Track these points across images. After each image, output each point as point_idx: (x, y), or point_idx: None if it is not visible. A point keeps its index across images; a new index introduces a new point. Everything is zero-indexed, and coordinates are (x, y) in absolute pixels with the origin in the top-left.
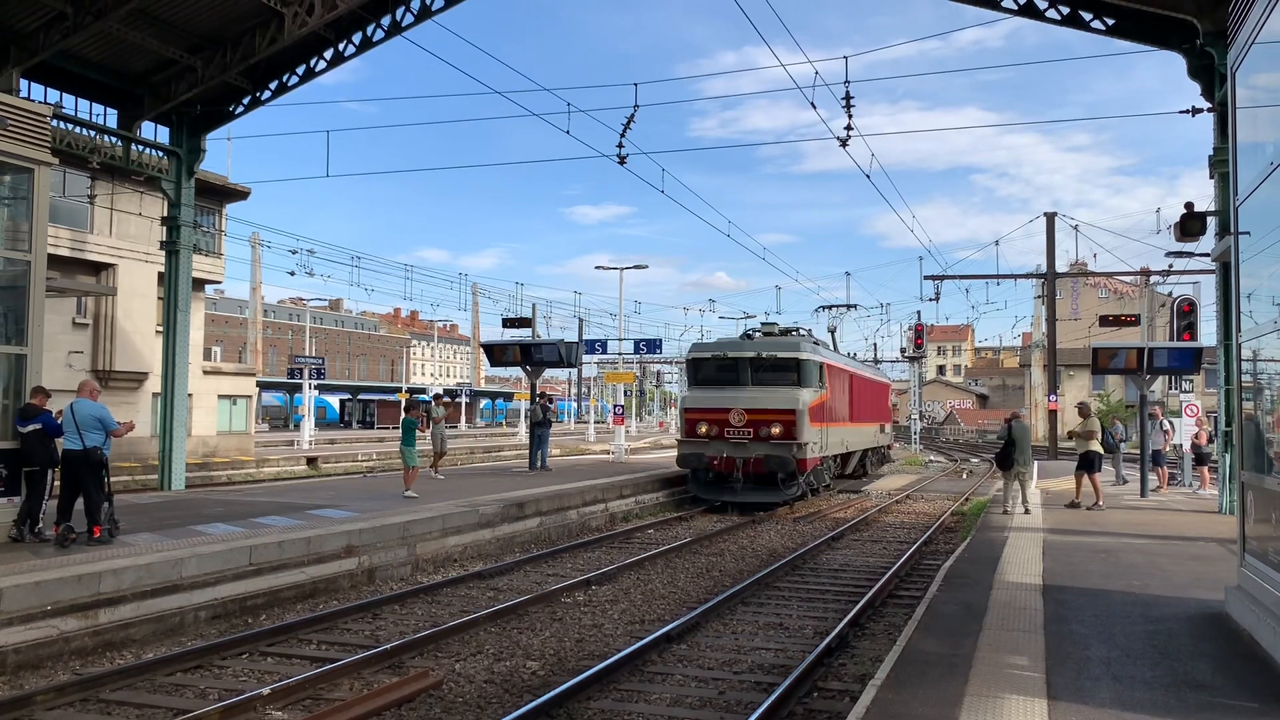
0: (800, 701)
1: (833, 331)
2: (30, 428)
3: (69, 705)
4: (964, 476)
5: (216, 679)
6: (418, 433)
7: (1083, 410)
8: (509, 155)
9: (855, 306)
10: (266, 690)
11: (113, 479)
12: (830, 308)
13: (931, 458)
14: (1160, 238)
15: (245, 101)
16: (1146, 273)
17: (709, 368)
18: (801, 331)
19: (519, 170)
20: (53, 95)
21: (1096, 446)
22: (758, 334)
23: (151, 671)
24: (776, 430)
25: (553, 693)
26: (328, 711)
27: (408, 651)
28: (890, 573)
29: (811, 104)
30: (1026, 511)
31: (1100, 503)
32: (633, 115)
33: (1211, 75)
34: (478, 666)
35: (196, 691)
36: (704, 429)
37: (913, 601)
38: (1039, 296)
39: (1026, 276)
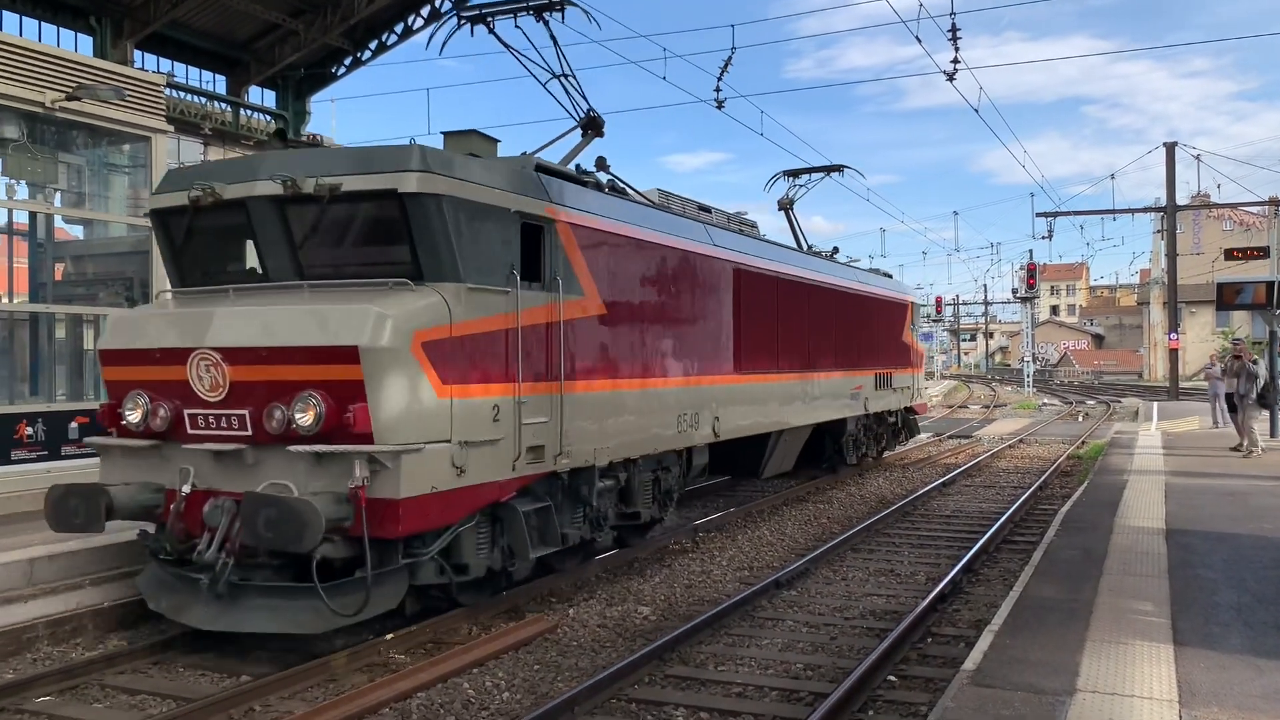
0: (914, 647)
1: (788, 208)
2: None
3: None
4: (1080, 420)
5: (344, 631)
6: None
7: (1239, 349)
8: (604, 105)
9: (842, 169)
10: (389, 635)
11: None
12: (795, 175)
13: (1045, 401)
14: None
15: (347, 62)
16: (1275, 202)
17: (200, 235)
18: (746, 217)
19: (614, 120)
20: (164, 65)
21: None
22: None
23: None
24: (307, 416)
25: (665, 637)
26: (449, 654)
27: (522, 597)
28: (1004, 518)
29: (916, 37)
30: (1259, 452)
31: (1247, 445)
32: (730, 58)
33: None
34: (590, 612)
35: (323, 636)
36: (138, 414)
37: (1029, 547)
38: (1158, 231)
39: (1145, 210)
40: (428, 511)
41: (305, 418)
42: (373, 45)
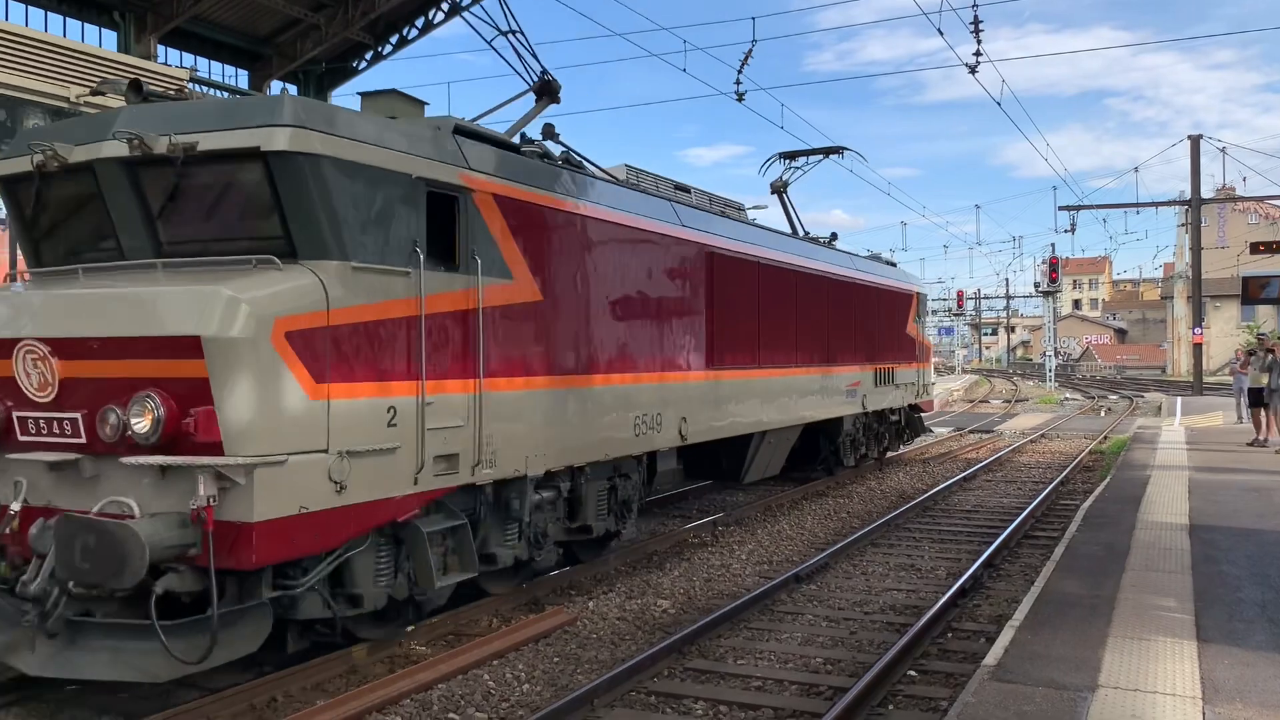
0: (935, 642)
1: (781, 191)
2: None
3: None
4: (1102, 414)
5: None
6: None
7: (1265, 344)
8: (622, 99)
9: (844, 151)
10: (410, 628)
11: None
12: (792, 157)
13: (1067, 395)
14: None
15: (368, 57)
16: None
17: (50, 206)
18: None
19: (632, 114)
20: (188, 60)
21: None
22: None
23: None
24: (144, 421)
25: (684, 631)
26: (469, 646)
27: (541, 589)
28: (1025, 513)
29: (938, 30)
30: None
31: (1264, 438)
32: (750, 50)
33: None
34: (610, 604)
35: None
36: None
37: (1050, 542)
38: (1182, 225)
39: (1169, 204)
40: (294, 536)
41: (141, 423)
42: (394, 39)
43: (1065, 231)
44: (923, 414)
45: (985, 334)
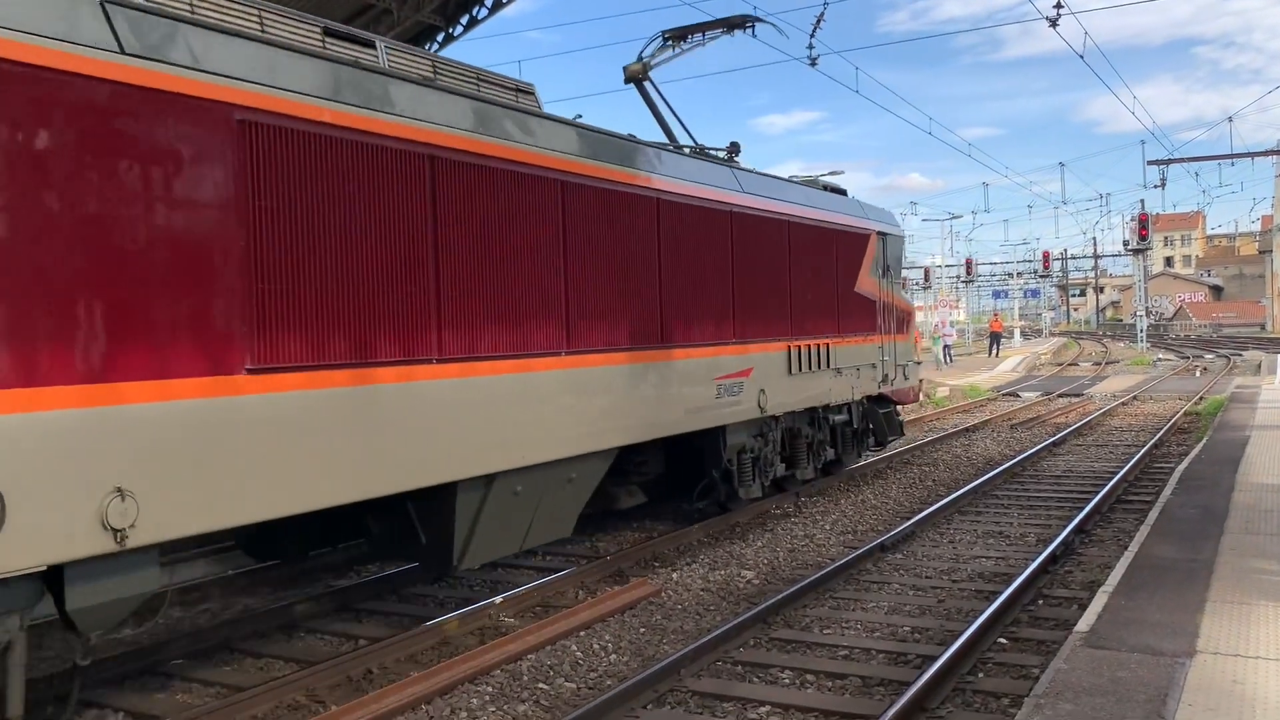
0: (1025, 609)
1: (640, 79)
2: None
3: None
4: (1197, 374)
5: (453, 589)
6: None
7: None
8: (692, 69)
9: (752, 23)
10: (499, 599)
11: None
12: (681, 36)
13: (1160, 356)
14: None
15: (439, 39)
16: None
17: None
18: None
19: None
20: None
21: None
22: None
23: (405, 584)
24: None
25: (770, 600)
26: (557, 617)
27: (626, 561)
28: (1118, 477)
29: None
30: None
31: None
32: (822, 14)
33: None
34: (693, 576)
35: (436, 600)
36: None
37: (1144, 507)
38: None
39: (1266, 154)
40: None
41: None
42: (464, 20)
43: (1155, 187)
44: (899, 407)
45: (1073, 295)
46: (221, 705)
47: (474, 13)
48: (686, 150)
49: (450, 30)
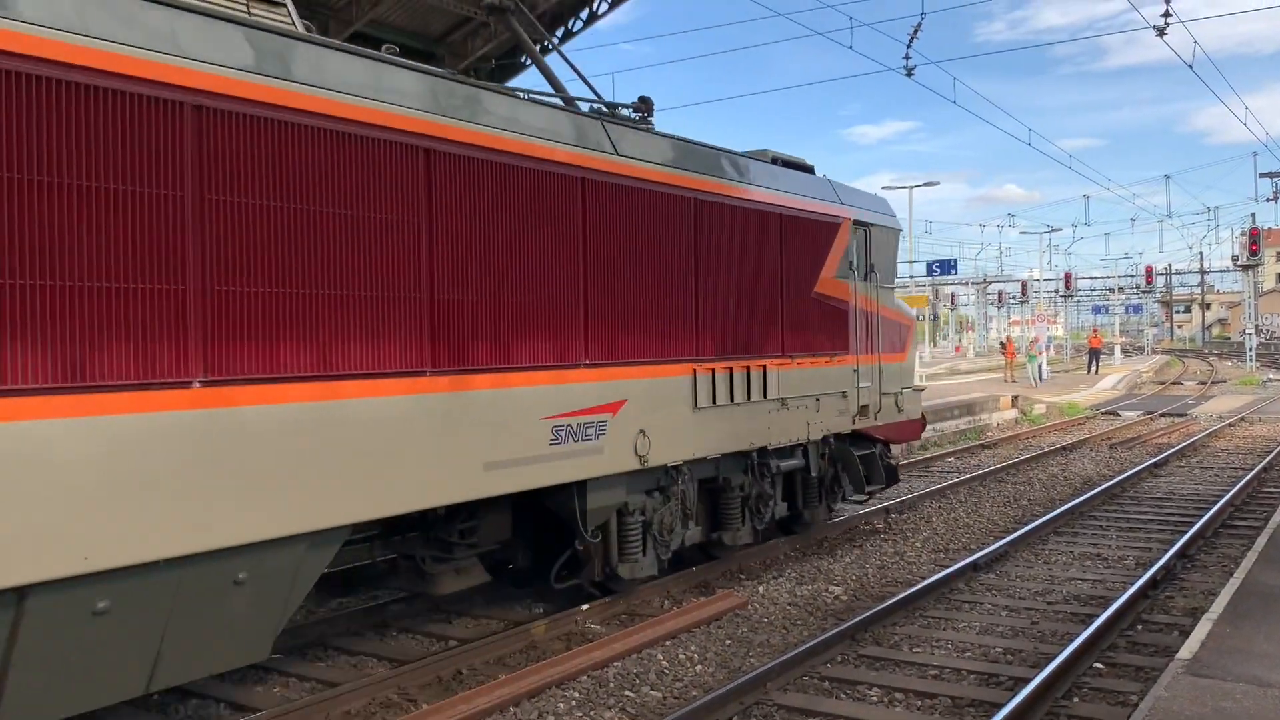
0: (1123, 634)
1: (504, 9)
2: None
3: None
4: None
5: (543, 598)
6: None
7: None
8: (784, 80)
9: None
10: (585, 606)
11: None
12: None
13: (1270, 376)
14: None
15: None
16: None
17: None
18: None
19: (794, 94)
20: None
21: None
22: None
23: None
24: None
25: (858, 617)
26: (643, 626)
27: (712, 573)
28: (1223, 501)
29: None
30: None
31: None
32: (919, 24)
33: None
34: (780, 589)
35: (524, 605)
36: None
37: (1252, 532)
38: None
39: None
40: None
41: None
42: (559, 33)
43: (1267, 200)
44: (891, 445)
45: (1177, 311)
46: (317, 700)
47: (569, 25)
48: (523, 95)
49: (544, 43)
